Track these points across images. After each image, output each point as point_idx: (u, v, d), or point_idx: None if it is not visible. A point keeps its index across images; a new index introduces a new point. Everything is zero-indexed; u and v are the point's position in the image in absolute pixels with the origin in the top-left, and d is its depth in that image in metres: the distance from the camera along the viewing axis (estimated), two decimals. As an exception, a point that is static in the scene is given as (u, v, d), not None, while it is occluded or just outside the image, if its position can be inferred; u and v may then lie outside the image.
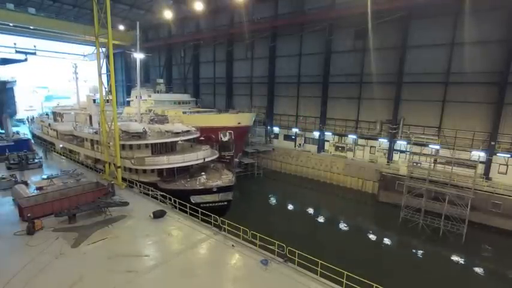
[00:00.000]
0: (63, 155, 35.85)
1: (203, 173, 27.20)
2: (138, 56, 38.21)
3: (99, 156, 29.44)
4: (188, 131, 30.53)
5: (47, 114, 48.48)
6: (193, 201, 22.74)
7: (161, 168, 27.19)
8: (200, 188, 25.28)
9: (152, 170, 27.41)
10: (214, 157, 30.38)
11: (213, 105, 56.37)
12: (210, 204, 24.11)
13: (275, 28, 44.57)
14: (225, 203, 25.79)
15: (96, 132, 30.95)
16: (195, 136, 31.36)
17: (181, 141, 31.34)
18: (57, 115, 43.93)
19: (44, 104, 72.45)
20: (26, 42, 63.37)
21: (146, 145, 28.50)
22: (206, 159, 28.79)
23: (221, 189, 25.42)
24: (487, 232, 26.59)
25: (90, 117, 35.29)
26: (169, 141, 29.38)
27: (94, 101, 34.87)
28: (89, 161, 31.85)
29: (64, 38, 66.85)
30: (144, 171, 27.39)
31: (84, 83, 51.28)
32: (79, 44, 73.11)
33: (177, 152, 29.56)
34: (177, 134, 29.31)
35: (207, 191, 25.11)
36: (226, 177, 26.71)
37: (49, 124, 42.94)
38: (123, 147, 27.68)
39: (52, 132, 41.19)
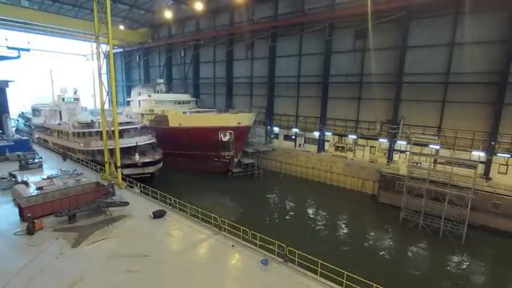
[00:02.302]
0: (38, 144, 43.47)
1: (136, 153, 33.83)
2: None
3: (60, 142, 38.64)
4: (129, 122, 39.08)
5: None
6: (124, 174, 27.49)
7: (111, 150, 29.65)
8: (130, 163, 32.79)
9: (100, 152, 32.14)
10: (149, 142, 37.07)
11: (213, 105, 56.34)
12: (137, 176, 30.99)
13: (275, 28, 44.50)
14: (148, 174, 33.75)
15: (59, 124, 41.66)
16: (136, 126, 38.75)
17: (129, 130, 37.93)
18: (35, 111, 52.07)
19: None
20: (20, 38, 58.54)
21: (96, 133, 35.63)
22: (139, 143, 35.14)
23: (145, 164, 33.64)
24: (487, 232, 26.54)
25: (60, 112, 45.63)
26: (113, 129, 32.35)
27: (63, 99, 46.11)
28: (56, 147, 38.92)
29: (63, 34, 66.03)
30: (99, 151, 32.81)
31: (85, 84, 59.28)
32: (78, 40, 72.37)
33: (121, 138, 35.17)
34: (120, 124, 33.50)
35: (135, 165, 32.97)
36: (153, 156, 34.87)
37: (27, 118, 52.08)
38: (78, 134, 35.99)
39: (30, 125, 50.58)
